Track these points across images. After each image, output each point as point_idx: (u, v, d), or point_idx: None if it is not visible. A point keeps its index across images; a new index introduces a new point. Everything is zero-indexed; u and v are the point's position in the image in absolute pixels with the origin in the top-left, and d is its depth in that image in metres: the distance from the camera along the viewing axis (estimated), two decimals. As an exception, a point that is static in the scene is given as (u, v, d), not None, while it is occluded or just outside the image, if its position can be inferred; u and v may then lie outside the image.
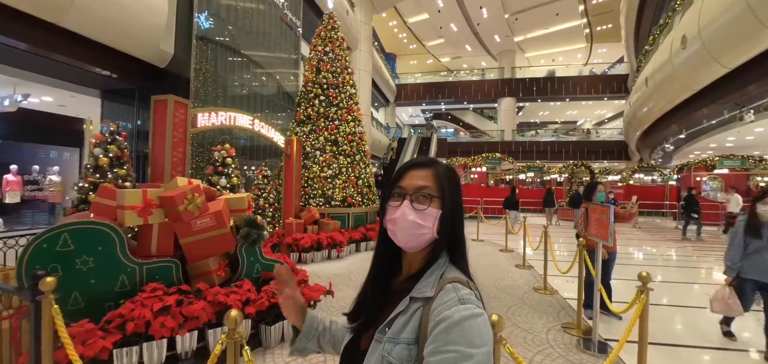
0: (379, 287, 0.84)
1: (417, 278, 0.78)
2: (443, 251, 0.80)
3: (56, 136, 10.15)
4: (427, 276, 0.77)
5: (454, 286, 0.71)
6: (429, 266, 0.78)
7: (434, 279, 0.75)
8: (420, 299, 0.73)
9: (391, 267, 0.86)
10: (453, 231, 0.80)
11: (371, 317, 0.81)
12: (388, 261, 0.86)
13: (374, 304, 0.82)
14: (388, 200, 0.81)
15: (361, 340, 0.82)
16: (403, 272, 0.84)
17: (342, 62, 8.45)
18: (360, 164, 8.34)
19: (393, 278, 0.86)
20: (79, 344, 2.28)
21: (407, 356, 0.68)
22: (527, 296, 4.66)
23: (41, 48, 5.30)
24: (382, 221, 0.84)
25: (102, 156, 3.76)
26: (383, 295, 0.83)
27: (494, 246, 8.31)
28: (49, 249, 2.51)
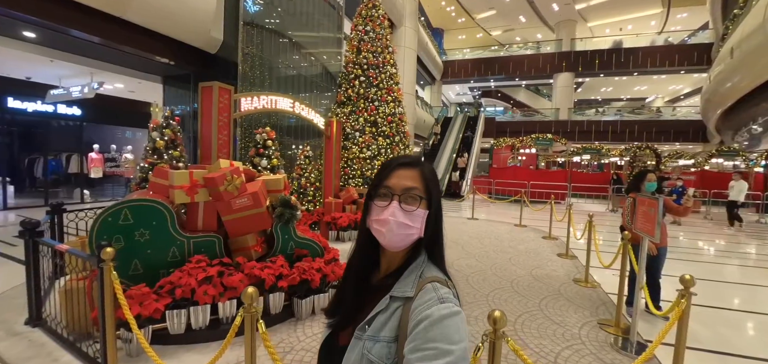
0: (359, 284, 0.85)
1: (396, 275, 0.79)
2: (423, 250, 0.81)
3: (128, 119, 11.40)
4: (406, 275, 0.78)
5: (433, 285, 0.72)
6: (408, 264, 0.79)
7: (414, 278, 0.76)
8: (400, 298, 0.74)
9: (369, 262, 0.87)
10: (435, 231, 0.82)
11: (350, 314, 0.82)
12: (368, 258, 0.86)
13: (353, 301, 0.83)
14: (374, 199, 0.81)
15: (339, 336, 0.83)
16: (382, 269, 0.84)
17: (383, 41, 8.38)
18: (399, 146, 8.33)
19: (371, 274, 0.87)
20: (136, 305, 2.64)
21: (387, 354, 0.70)
22: (565, 287, 4.44)
23: (111, 40, 5.93)
24: (364, 220, 0.83)
25: (159, 139, 4.18)
26: (362, 292, 0.84)
27: (537, 233, 7.95)
28: (114, 222, 2.89)
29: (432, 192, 0.81)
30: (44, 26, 5.45)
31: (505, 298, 4.03)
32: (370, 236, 0.82)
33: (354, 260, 0.87)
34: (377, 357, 0.70)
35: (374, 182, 0.83)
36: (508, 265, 5.32)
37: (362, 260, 0.86)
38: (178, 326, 2.84)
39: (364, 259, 0.86)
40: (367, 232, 0.83)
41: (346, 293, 0.85)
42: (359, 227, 0.86)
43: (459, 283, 4.32)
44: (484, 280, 4.60)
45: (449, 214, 10.66)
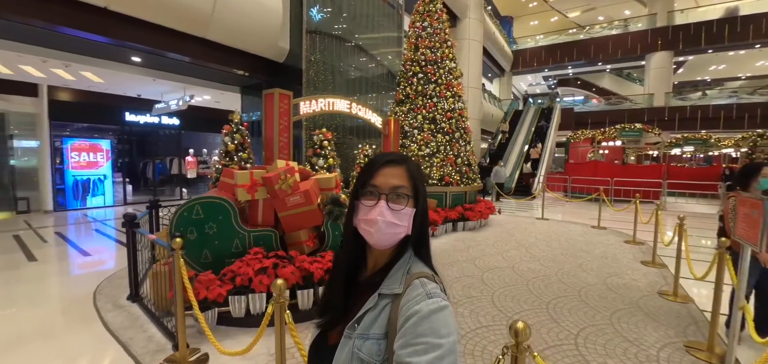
0: (347, 282, 0.85)
1: (384, 272, 0.79)
2: (410, 247, 0.81)
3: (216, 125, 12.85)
4: (394, 272, 0.78)
5: (421, 281, 0.73)
6: (395, 261, 0.80)
7: (401, 274, 0.76)
8: (388, 295, 0.74)
9: (356, 260, 0.87)
10: (422, 228, 0.82)
11: (339, 313, 0.82)
12: (355, 256, 0.86)
13: (342, 299, 0.83)
14: (360, 198, 0.81)
15: (329, 336, 0.83)
16: (369, 267, 0.84)
17: (441, 36, 8.20)
18: (459, 142, 8.08)
19: (358, 272, 0.87)
20: (203, 289, 3.00)
21: (377, 351, 0.71)
22: (646, 300, 3.86)
23: (198, 58, 6.80)
24: (350, 220, 0.83)
25: (229, 143, 4.66)
26: (350, 290, 0.84)
27: (619, 236, 7.04)
28: (188, 217, 3.31)
29: (419, 190, 0.81)
30: (147, 51, 6.46)
31: (569, 308, 3.65)
32: (356, 234, 0.82)
33: (341, 259, 0.87)
34: (368, 355, 0.71)
35: (360, 180, 0.83)
36: (578, 271, 4.81)
37: (349, 259, 0.86)
38: (239, 310, 3.15)
39: (351, 257, 0.86)
40: (354, 230, 0.83)
41: (334, 291, 0.85)
42: (345, 226, 0.86)
43: (518, 287, 4.09)
44: (547, 286, 4.23)
45: (516, 213, 10.02)
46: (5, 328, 3.17)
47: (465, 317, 3.40)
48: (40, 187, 9.23)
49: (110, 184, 10.29)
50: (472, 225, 7.60)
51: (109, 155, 10.24)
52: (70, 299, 3.84)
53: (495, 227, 7.94)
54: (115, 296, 3.81)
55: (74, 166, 9.58)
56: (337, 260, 0.89)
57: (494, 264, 5.08)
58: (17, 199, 8.90)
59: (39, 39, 5.87)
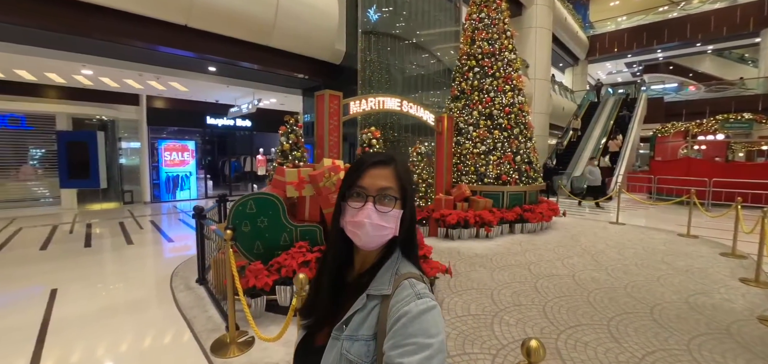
0: (334, 283, 0.85)
1: (371, 272, 0.79)
2: (397, 247, 0.81)
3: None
4: (382, 272, 0.78)
5: (410, 282, 0.73)
6: (383, 261, 0.79)
7: (390, 275, 0.76)
8: (377, 296, 0.75)
9: (343, 261, 0.86)
10: (410, 228, 0.82)
11: (326, 314, 0.82)
12: (343, 257, 0.86)
13: (329, 300, 0.83)
14: (347, 199, 0.80)
15: (315, 337, 0.83)
16: (356, 267, 0.84)
17: (499, 26, 7.77)
18: (519, 138, 7.59)
19: (345, 272, 0.86)
20: (253, 277, 3.25)
21: (366, 352, 0.71)
22: (741, 326, 3.24)
23: (263, 65, 7.39)
24: (337, 221, 0.83)
25: (285, 143, 4.97)
26: (337, 290, 0.84)
27: (714, 247, 6.02)
28: (243, 211, 3.61)
29: (406, 191, 0.81)
30: (221, 61, 7.20)
31: (636, 327, 3.21)
32: (343, 235, 0.82)
33: (328, 260, 0.86)
34: (356, 356, 0.71)
35: (347, 181, 0.82)
36: (654, 285, 4.22)
37: (336, 260, 0.85)
38: (284, 299, 3.35)
39: (338, 258, 0.86)
40: (340, 231, 0.83)
41: (321, 292, 0.85)
42: (331, 227, 0.86)
43: (576, 298, 3.73)
44: (612, 300, 3.78)
45: (586, 217, 9.13)
46: (101, 301, 3.79)
47: (510, 325, 3.20)
48: (140, 182, 10.86)
49: (194, 180, 11.70)
50: (532, 227, 7.10)
51: (194, 154, 11.64)
52: (153, 278, 4.46)
53: (558, 230, 7.33)
54: (187, 278, 4.33)
55: (167, 164, 11.08)
56: (323, 261, 0.88)
57: (552, 271, 4.69)
58: (124, 191, 10.59)
59: (139, 56, 6.89)
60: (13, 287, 4.14)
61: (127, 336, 3.05)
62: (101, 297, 3.87)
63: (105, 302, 3.72)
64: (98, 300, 3.78)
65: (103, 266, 5.00)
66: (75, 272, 4.64)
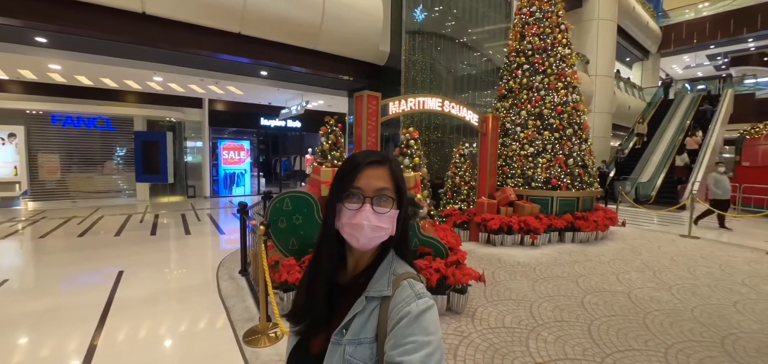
0: (328, 287, 0.81)
1: (366, 273, 0.78)
2: (391, 247, 0.81)
3: (329, 126, 14.37)
4: (380, 273, 0.77)
5: (409, 282, 0.74)
6: (378, 262, 0.79)
7: (388, 276, 0.76)
8: (376, 297, 0.73)
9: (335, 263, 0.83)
10: (403, 228, 0.81)
11: (322, 319, 0.78)
12: (335, 258, 0.82)
13: (324, 305, 0.79)
14: (343, 200, 0.77)
15: (310, 344, 0.80)
16: (349, 269, 0.82)
17: (552, 19, 7.27)
18: (572, 140, 7.04)
19: (335, 273, 0.83)
20: (285, 272, 3.37)
21: (369, 355, 0.70)
22: (842, 366, 2.68)
23: (310, 68, 7.69)
24: (331, 223, 0.79)
25: (325, 143, 5.10)
26: (331, 293, 0.80)
27: (814, 269, 5.07)
28: (280, 208, 3.76)
29: (402, 190, 0.80)
30: (273, 66, 7.61)
31: (701, 358, 2.79)
32: (337, 236, 0.79)
33: (323, 263, 0.81)
34: (361, 359, 0.70)
35: (342, 182, 0.78)
36: (729, 311, 3.65)
37: (331, 262, 0.81)
38: (315, 298, 3.43)
39: (332, 260, 0.82)
40: (335, 233, 0.79)
41: (315, 297, 0.80)
42: (325, 228, 0.81)
43: (629, 319, 3.39)
44: (673, 324, 3.33)
45: (652, 227, 8.23)
46: (157, 285, 4.19)
47: (548, 342, 2.95)
48: (202, 178, 11.86)
49: (249, 177, 12.51)
50: (585, 237, 6.54)
51: (249, 153, 12.45)
52: (202, 267, 4.83)
53: (616, 241, 6.67)
54: (231, 269, 4.62)
55: (225, 162, 11.98)
56: (317, 264, 0.82)
57: (603, 286, 4.27)
58: (188, 186, 11.64)
59: (202, 63, 7.53)
60: (88, 267, 4.74)
61: (172, 318, 3.33)
62: (157, 281, 4.28)
63: (159, 287, 4.11)
64: (155, 284, 4.18)
65: (163, 253, 5.53)
66: (140, 257, 5.19)
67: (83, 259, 5.08)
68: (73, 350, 2.80)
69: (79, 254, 5.29)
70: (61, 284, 4.19)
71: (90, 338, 2.95)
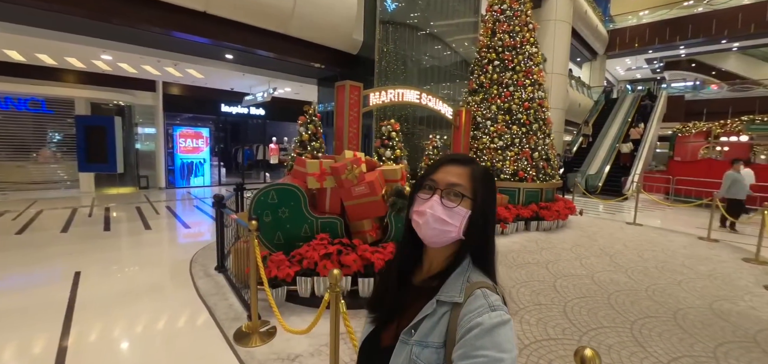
0: (401, 282, 0.85)
1: (440, 278, 0.78)
2: (467, 254, 0.78)
3: (295, 115, 13.85)
4: (453, 279, 0.76)
5: (483, 292, 0.71)
6: (453, 268, 0.78)
7: (461, 283, 0.75)
8: (448, 303, 0.73)
9: (412, 259, 0.86)
10: (482, 235, 0.78)
11: (392, 313, 0.82)
12: (411, 254, 0.86)
13: (396, 299, 0.83)
14: (419, 191, 0.81)
15: (381, 336, 0.83)
16: (424, 269, 0.83)
17: (522, 18, 7.59)
18: (537, 135, 7.46)
19: (413, 272, 0.86)
20: (275, 268, 3.26)
21: (436, 360, 0.70)
22: (767, 335, 3.16)
23: (279, 53, 7.35)
24: (408, 212, 0.83)
25: (304, 133, 4.96)
26: (404, 290, 0.84)
27: (736, 252, 5.87)
28: (264, 201, 3.62)
29: (478, 192, 0.78)
30: (238, 49, 7.18)
31: (660, 331, 3.15)
32: (413, 229, 0.82)
33: (397, 256, 0.88)
34: (426, 363, 0.70)
35: (423, 174, 0.83)
36: (676, 289, 4.13)
37: (403, 253, 0.86)
38: (305, 290, 3.37)
39: (406, 255, 0.86)
40: (410, 223, 0.83)
41: (388, 290, 0.85)
42: (406, 219, 0.85)
43: (597, 300, 3.68)
44: (633, 303, 3.71)
45: (602, 216, 8.99)
46: (124, 284, 3.86)
47: (531, 325, 3.16)
48: (156, 167, 11.00)
49: (208, 166, 11.81)
50: (548, 225, 7.01)
51: (208, 142, 11.73)
52: (172, 264, 4.52)
53: (574, 229, 7.22)
54: (206, 265, 4.38)
55: (181, 150, 11.19)
56: (394, 256, 0.90)
57: (570, 270, 4.62)
58: (140, 176, 10.74)
59: (157, 43, 6.91)
60: (38, 268, 4.24)
61: (152, 320, 3.10)
62: (124, 281, 3.94)
63: (128, 286, 3.79)
64: (121, 284, 3.85)
65: (123, 251, 5.09)
66: (97, 255, 4.73)
67: (29, 260, 4.51)
68: (39, 355, 2.52)
69: (21, 255, 4.69)
70: (7, 288, 3.71)
71: (57, 342, 2.67)
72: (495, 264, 0.80)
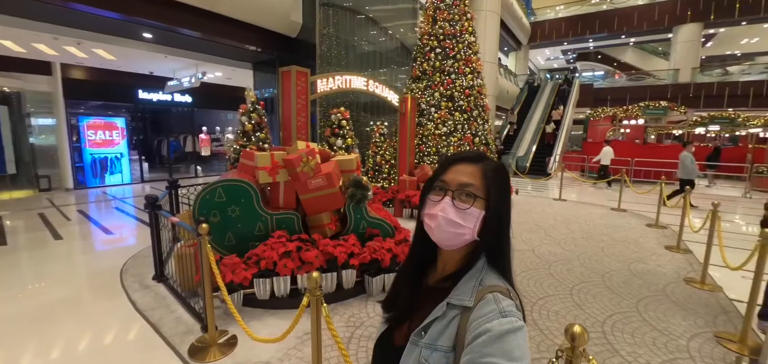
0: (415, 282, 0.84)
1: (453, 279, 0.76)
2: (482, 255, 0.76)
3: (228, 103, 12.83)
4: (465, 281, 0.74)
5: (494, 296, 0.68)
6: (466, 269, 0.75)
7: (473, 286, 0.72)
8: (458, 306, 0.71)
9: (425, 260, 0.85)
10: (497, 235, 0.76)
11: (405, 312, 0.81)
12: (425, 255, 0.84)
13: (408, 299, 0.82)
14: (430, 192, 0.78)
15: (394, 334, 0.83)
16: (438, 270, 0.81)
17: (460, 7, 7.86)
18: (477, 120, 7.88)
19: (427, 272, 0.85)
20: (229, 272, 3.01)
21: (445, 363, 0.68)
22: (673, 287, 3.77)
23: (209, 34, 6.67)
24: (419, 213, 0.81)
25: (247, 123, 4.59)
26: (418, 291, 0.82)
27: (640, 219, 6.88)
28: (211, 200, 3.29)
29: (492, 192, 0.75)
30: (158, 27, 6.35)
31: (594, 294, 3.59)
32: (424, 231, 0.80)
33: (410, 256, 0.87)
34: None
35: (433, 174, 0.81)
36: (600, 255, 4.72)
37: (418, 257, 0.85)
38: (264, 293, 3.17)
39: (420, 256, 0.85)
40: (422, 226, 0.81)
41: (401, 289, 0.84)
42: (416, 221, 0.84)
43: (539, 271, 4.02)
44: (569, 271, 4.16)
45: (532, 194, 9.87)
46: (37, 304, 3.25)
47: (489, 302, 3.37)
48: (60, 165, 9.39)
49: (127, 162, 10.42)
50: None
51: (124, 133, 10.32)
52: (99, 278, 3.92)
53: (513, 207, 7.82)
54: (141, 275, 3.88)
55: (91, 144, 9.69)
56: (407, 256, 0.89)
57: (515, 245, 5.00)
58: (39, 177, 9.08)
59: (50, 16, 5.80)
60: None
61: (84, 345, 2.66)
62: (39, 300, 3.31)
63: (45, 304, 3.19)
64: (35, 301, 3.23)
65: (30, 267, 4.27)
66: (-8, 275, 3.91)
67: None
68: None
69: None
70: None
71: (-50, 394, 2.15)
72: (511, 264, 0.78)
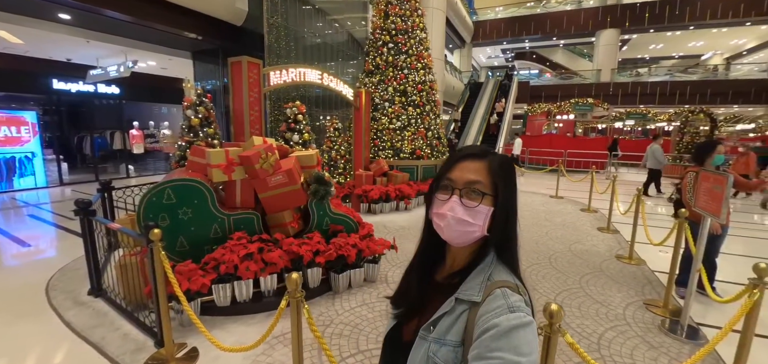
0: (423, 278, 0.84)
1: (462, 274, 0.75)
2: (491, 250, 0.76)
3: (163, 95, 11.74)
4: (473, 276, 0.73)
5: (503, 291, 0.67)
6: (475, 264, 0.75)
7: (482, 280, 0.72)
8: (466, 301, 0.71)
9: (434, 256, 0.85)
10: (505, 230, 0.76)
11: (414, 308, 0.82)
12: (433, 251, 0.84)
13: (417, 295, 0.82)
14: (436, 191, 0.78)
15: (403, 330, 0.83)
16: (447, 265, 0.82)
17: (411, 4, 7.98)
18: (430, 115, 8.09)
19: (436, 268, 0.85)
20: (185, 280, 2.77)
21: (453, 359, 0.68)
22: (607, 264, 4.24)
23: (141, 18, 6.01)
24: (427, 211, 0.81)
25: (193, 117, 4.25)
26: (426, 286, 0.82)
27: (575, 204, 7.61)
28: (158, 202, 3.00)
29: (499, 187, 0.74)
30: (78, 8, 5.58)
31: (544, 274, 3.91)
32: (432, 228, 0.80)
33: (419, 252, 0.86)
34: (443, 361, 0.68)
35: (439, 172, 0.81)
36: (545, 239, 5.14)
37: (427, 254, 0.85)
38: (224, 299, 2.97)
39: (429, 252, 0.85)
40: (430, 224, 0.81)
41: (410, 285, 0.84)
42: (425, 219, 0.84)
43: None
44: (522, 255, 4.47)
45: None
46: (-62, 337, 2.72)
47: (452, 290, 3.51)
48: (-50, 166, 7.90)
49: (40, 162, 9.07)
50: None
51: (36, 129, 8.96)
52: (19, 299, 3.38)
53: (463, 198, 8.20)
54: (73, 291, 3.42)
55: (-7, 141, 8.28)
56: (416, 252, 0.88)
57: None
58: None
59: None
60: None
61: (2, 379, 2.28)
62: (-68, 334, 2.76)
63: (-57, 340, 2.68)
64: (-72, 339, 2.69)
65: None
66: None
67: None
68: None
69: None
70: None
71: None
72: (519, 258, 0.78)
